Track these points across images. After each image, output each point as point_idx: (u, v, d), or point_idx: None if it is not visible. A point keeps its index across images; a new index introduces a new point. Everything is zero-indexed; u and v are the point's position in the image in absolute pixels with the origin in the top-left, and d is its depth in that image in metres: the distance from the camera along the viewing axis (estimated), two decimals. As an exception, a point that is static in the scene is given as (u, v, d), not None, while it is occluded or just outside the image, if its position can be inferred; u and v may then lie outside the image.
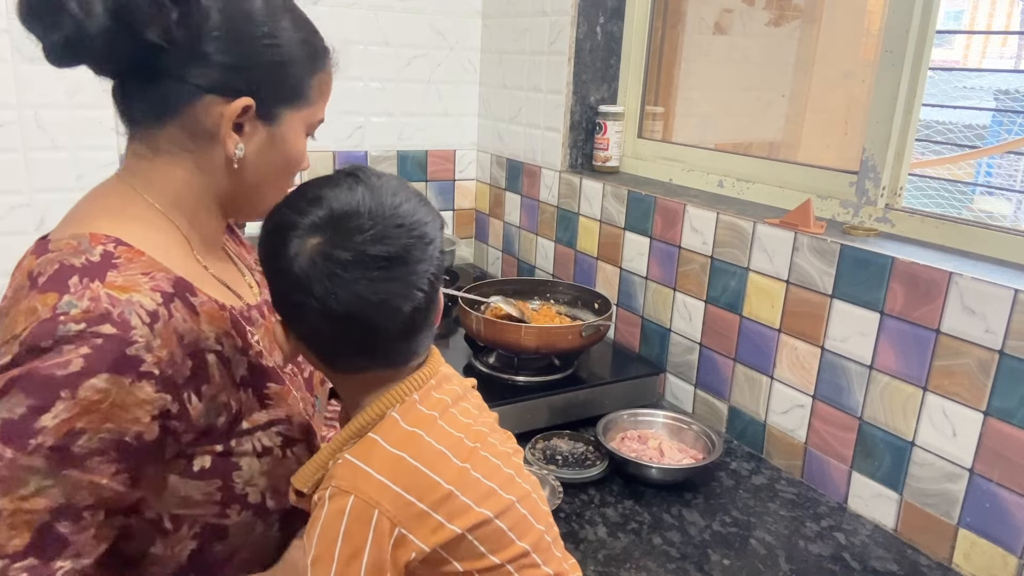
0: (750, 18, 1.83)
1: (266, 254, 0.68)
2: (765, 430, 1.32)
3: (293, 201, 0.68)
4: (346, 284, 0.64)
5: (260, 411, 0.75)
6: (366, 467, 0.65)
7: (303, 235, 0.65)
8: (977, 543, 1.02)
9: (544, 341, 1.35)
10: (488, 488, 0.68)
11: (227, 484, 0.72)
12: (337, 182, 0.68)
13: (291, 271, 0.64)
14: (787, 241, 1.24)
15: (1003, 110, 2.46)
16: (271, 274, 0.69)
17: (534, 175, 1.90)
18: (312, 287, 0.64)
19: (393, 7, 1.91)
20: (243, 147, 0.74)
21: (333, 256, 0.64)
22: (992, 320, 0.98)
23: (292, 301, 0.67)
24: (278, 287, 0.68)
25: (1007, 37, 2.63)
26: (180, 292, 0.69)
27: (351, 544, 0.63)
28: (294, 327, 0.70)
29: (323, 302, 0.64)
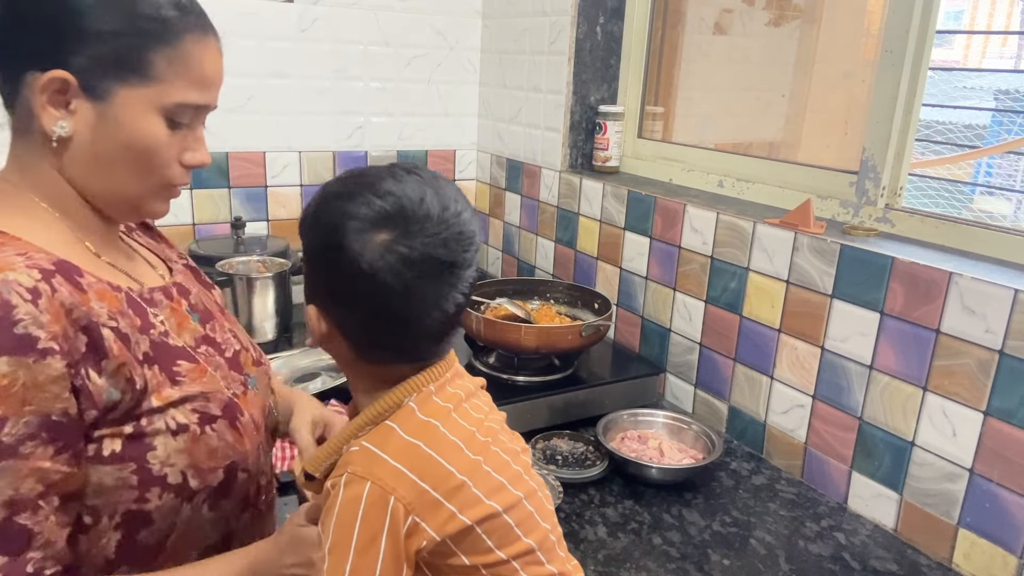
0: (750, 18, 1.83)
1: (323, 242, 0.67)
2: (765, 430, 1.32)
3: (356, 191, 0.67)
4: (408, 282, 0.65)
5: (171, 387, 0.72)
6: (382, 453, 0.65)
7: (371, 229, 0.65)
8: (977, 543, 1.02)
9: (544, 341, 1.35)
10: (498, 482, 0.69)
11: (142, 466, 0.69)
12: (401, 178, 0.68)
13: (355, 262, 0.65)
14: (787, 241, 1.24)
15: (1003, 110, 2.46)
16: (324, 261, 0.68)
17: (534, 175, 1.90)
18: (376, 281, 0.65)
19: (393, 7, 1.91)
20: (65, 124, 0.69)
21: (403, 254, 0.65)
22: (992, 320, 0.98)
23: (346, 291, 0.67)
24: (330, 275, 0.68)
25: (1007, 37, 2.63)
26: (63, 270, 0.67)
27: (368, 530, 0.63)
28: (336, 315, 0.69)
29: (382, 297, 0.65)
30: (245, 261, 1.63)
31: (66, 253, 0.70)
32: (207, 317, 0.85)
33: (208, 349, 0.81)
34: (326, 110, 1.91)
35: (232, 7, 1.72)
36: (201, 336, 0.81)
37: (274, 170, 1.88)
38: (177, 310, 0.80)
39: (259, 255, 1.66)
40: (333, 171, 1.96)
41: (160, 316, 0.76)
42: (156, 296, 0.78)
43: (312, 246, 0.70)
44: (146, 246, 0.88)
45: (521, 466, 0.74)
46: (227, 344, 0.85)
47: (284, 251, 1.72)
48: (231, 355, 0.85)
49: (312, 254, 0.70)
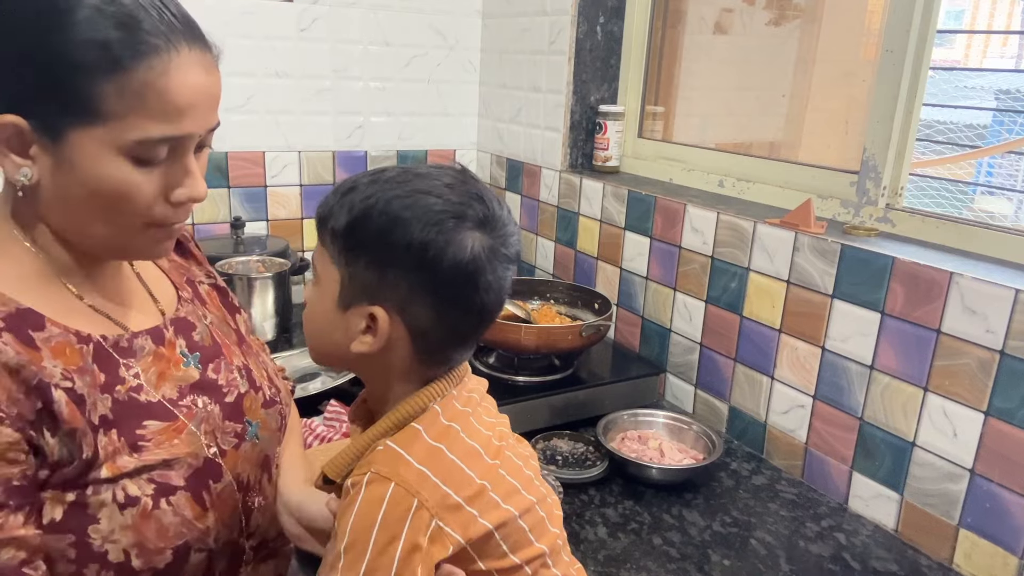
0: (750, 18, 1.83)
1: (416, 240, 0.64)
2: (765, 430, 1.32)
3: (437, 190, 0.66)
4: (501, 281, 0.68)
5: (128, 455, 0.66)
6: (407, 455, 0.65)
7: (472, 228, 0.65)
8: (978, 543, 1.02)
9: (544, 341, 1.35)
10: (513, 486, 0.69)
11: (81, 540, 0.63)
12: (466, 179, 0.69)
13: (460, 261, 0.64)
14: (787, 241, 1.24)
15: (1004, 110, 2.46)
16: (416, 261, 0.64)
17: (534, 175, 1.90)
18: (479, 279, 0.66)
19: (393, 7, 1.91)
20: (29, 172, 0.63)
21: (501, 253, 0.67)
22: (993, 320, 0.98)
23: (440, 289, 0.66)
24: (420, 273, 0.65)
25: (1008, 37, 2.63)
26: (13, 325, 0.62)
27: (388, 531, 0.62)
28: (415, 315, 0.67)
29: (480, 294, 0.66)
30: (244, 261, 1.63)
31: (38, 296, 0.66)
32: (212, 355, 0.79)
33: (197, 399, 0.75)
34: (326, 110, 1.91)
35: (232, 7, 1.72)
36: (192, 383, 0.75)
37: (274, 170, 1.88)
38: (166, 355, 0.74)
39: (259, 255, 1.66)
40: (333, 171, 1.96)
41: (135, 368, 0.71)
42: (138, 343, 0.72)
43: (385, 246, 0.65)
44: (165, 269, 0.84)
45: (532, 471, 0.74)
46: (231, 387, 0.79)
47: (284, 251, 1.72)
48: (232, 399, 0.79)
49: (385, 254, 0.65)
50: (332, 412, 1.29)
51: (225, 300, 0.90)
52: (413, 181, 0.66)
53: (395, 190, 0.66)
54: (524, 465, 0.73)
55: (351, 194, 0.67)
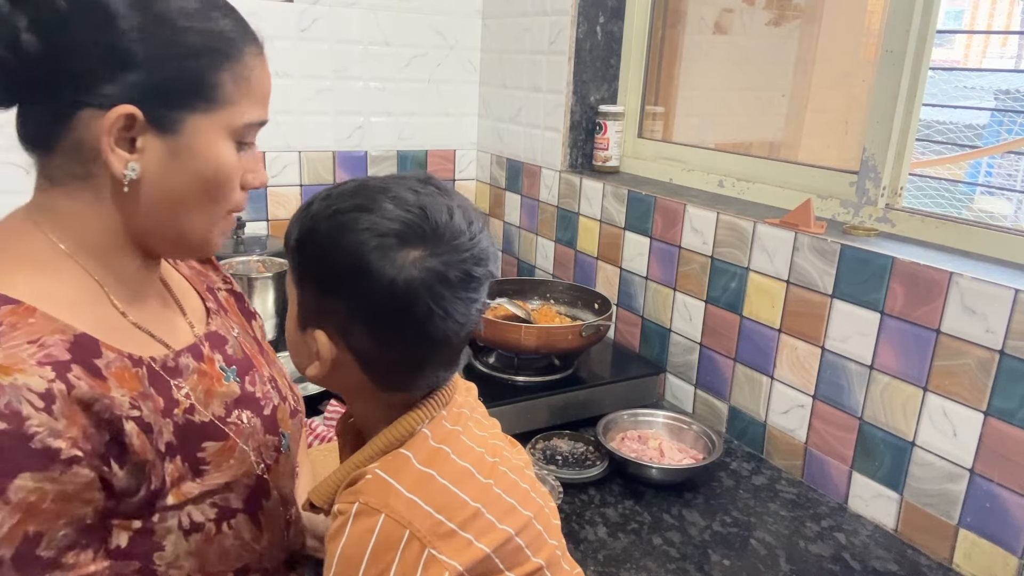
0: (750, 18, 1.83)
1: (343, 262, 0.61)
2: (765, 430, 1.32)
3: (373, 205, 0.62)
4: (448, 304, 0.62)
5: (192, 481, 0.66)
6: (397, 484, 0.62)
7: (401, 245, 0.61)
8: (977, 543, 1.02)
9: (544, 341, 1.35)
10: (509, 504, 0.67)
11: (146, 566, 0.63)
12: (421, 190, 0.64)
13: (387, 282, 0.60)
14: (787, 241, 1.24)
15: (1004, 110, 2.46)
16: (342, 282, 0.62)
17: (534, 175, 1.90)
18: (408, 301, 0.61)
19: (393, 7, 1.91)
20: (137, 166, 0.63)
21: (443, 274, 0.62)
22: (992, 320, 0.98)
23: (370, 312, 0.62)
24: (351, 297, 0.62)
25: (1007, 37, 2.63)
26: (79, 356, 0.60)
27: (377, 565, 0.59)
28: (354, 339, 0.64)
29: (413, 317, 0.62)
30: (245, 261, 1.63)
31: (89, 318, 0.64)
32: (246, 367, 0.78)
33: (241, 414, 0.73)
34: (326, 110, 1.91)
35: (232, 7, 1.72)
36: (235, 399, 0.73)
37: (274, 170, 1.88)
38: (208, 372, 0.72)
39: (259, 255, 1.66)
40: (333, 171, 1.96)
41: (185, 387, 0.69)
42: (183, 361, 0.70)
43: (323, 267, 0.63)
44: (187, 277, 0.83)
45: (528, 483, 0.72)
46: (266, 399, 0.78)
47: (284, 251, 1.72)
48: (269, 412, 0.77)
49: (323, 275, 0.63)
50: (332, 412, 1.29)
51: (242, 306, 0.89)
52: (360, 195, 0.63)
53: (339, 205, 0.63)
54: (520, 478, 0.71)
55: (305, 210, 0.64)
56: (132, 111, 0.61)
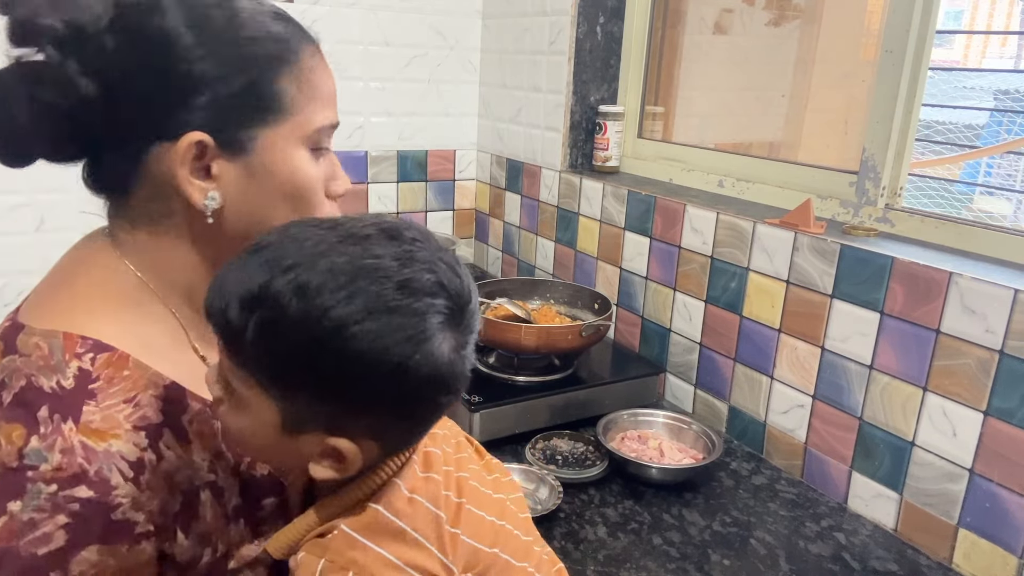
0: (750, 18, 1.83)
1: (393, 369, 0.52)
2: (765, 430, 1.32)
3: (399, 296, 0.53)
4: (461, 375, 0.57)
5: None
6: (364, 540, 0.57)
7: (442, 328, 0.54)
8: (977, 543, 1.02)
9: (544, 341, 1.35)
10: (473, 548, 0.63)
11: None
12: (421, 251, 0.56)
13: (436, 374, 0.54)
14: (787, 241, 1.24)
15: (1003, 110, 2.46)
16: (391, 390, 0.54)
17: (534, 175, 1.90)
18: (455, 381, 0.56)
19: (393, 7, 1.91)
20: (217, 195, 0.60)
21: (469, 338, 0.57)
22: (992, 320, 0.98)
23: (420, 405, 0.57)
24: (402, 399, 0.55)
25: (1007, 37, 2.63)
26: (170, 418, 0.58)
27: None
28: (391, 433, 0.58)
29: (441, 396, 0.57)
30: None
31: (175, 361, 0.61)
32: None
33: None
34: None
35: (232, 7, 1.72)
36: None
37: (274, 170, 1.88)
38: None
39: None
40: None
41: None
42: None
43: (356, 377, 0.52)
44: None
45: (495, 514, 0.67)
46: None
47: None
48: None
49: (354, 386, 0.53)
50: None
51: None
52: (354, 282, 0.52)
53: (340, 306, 0.51)
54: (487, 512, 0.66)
55: (265, 311, 0.51)
56: (202, 137, 0.58)
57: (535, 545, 0.70)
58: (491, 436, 1.27)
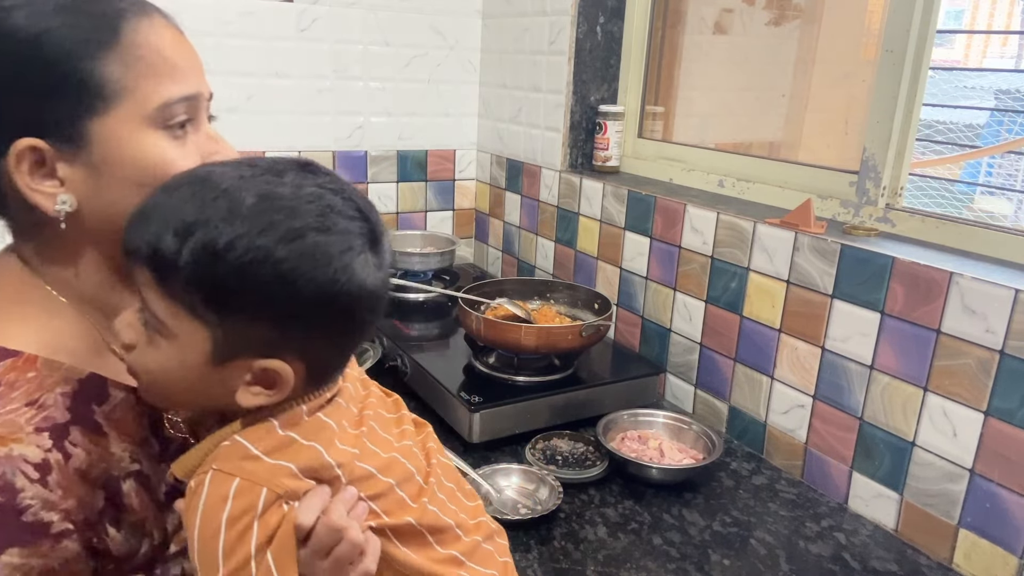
0: (750, 18, 1.83)
1: (326, 289, 0.56)
2: (765, 430, 1.32)
3: (325, 216, 0.57)
4: (387, 293, 0.62)
5: None
6: (253, 447, 0.58)
7: (364, 250, 0.58)
8: (978, 543, 1.02)
9: (544, 341, 1.35)
10: (367, 472, 0.64)
11: None
12: (336, 183, 0.60)
13: (364, 292, 0.58)
14: (787, 241, 1.24)
15: (1004, 110, 2.46)
16: (324, 308, 0.57)
17: (534, 175, 1.90)
18: (379, 303, 0.61)
19: (393, 7, 1.91)
20: (68, 197, 0.57)
21: (386, 272, 0.62)
22: (993, 320, 0.98)
23: (349, 324, 0.60)
24: (333, 317, 0.58)
25: (1007, 37, 2.63)
26: (80, 413, 0.57)
27: (235, 529, 0.55)
28: (321, 354, 0.60)
29: (380, 311, 0.61)
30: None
31: (93, 360, 0.61)
32: None
33: None
34: (326, 110, 1.91)
35: (232, 7, 1.72)
36: None
37: (274, 170, 1.88)
38: None
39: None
40: (333, 171, 1.96)
41: (176, 419, 0.67)
42: None
43: (289, 295, 0.55)
44: None
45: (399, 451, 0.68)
46: None
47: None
48: None
49: (286, 304, 0.56)
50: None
51: None
52: (282, 207, 0.55)
53: (272, 229, 0.54)
54: (382, 450, 0.66)
55: (205, 234, 0.53)
56: (31, 143, 0.55)
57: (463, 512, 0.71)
58: (491, 436, 1.27)
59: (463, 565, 0.68)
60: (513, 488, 1.16)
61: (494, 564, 0.72)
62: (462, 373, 1.40)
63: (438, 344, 1.59)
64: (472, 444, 1.26)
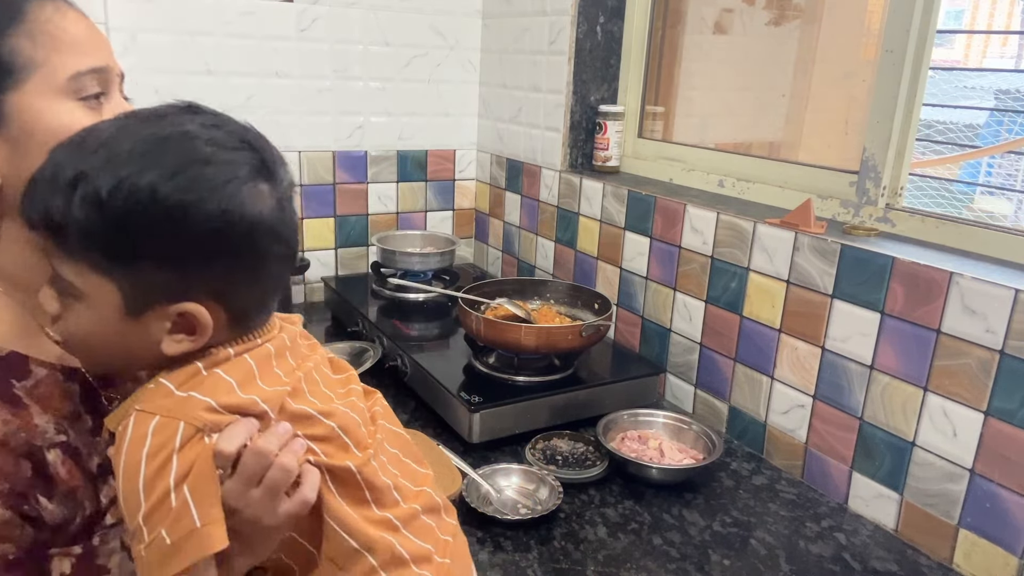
0: (750, 18, 1.83)
1: (221, 219, 0.57)
2: (765, 430, 1.32)
3: (207, 149, 0.57)
4: (293, 224, 0.63)
5: None
6: (174, 386, 0.58)
7: (255, 177, 0.58)
8: (978, 543, 1.02)
9: (544, 341, 1.35)
10: (304, 412, 0.64)
11: None
12: (220, 119, 0.60)
13: (262, 220, 0.58)
14: (787, 241, 1.24)
15: (1003, 109, 2.46)
16: (222, 241, 0.57)
17: (534, 175, 1.90)
18: (282, 231, 0.61)
19: (393, 7, 1.91)
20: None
21: (288, 203, 0.62)
22: (993, 320, 0.98)
23: (256, 257, 0.60)
24: (234, 249, 0.58)
25: (1007, 37, 2.63)
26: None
27: (155, 463, 0.55)
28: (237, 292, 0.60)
29: (289, 240, 0.62)
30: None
31: (13, 334, 0.62)
32: None
33: None
34: (326, 110, 1.91)
35: (232, 7, 1.72)
36: None
37: (274, 170, 1.88)
38: (139, 377, 0.69)
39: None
40: (333, 171, 1.96)
41: (117, 398, 0.68)
42: None
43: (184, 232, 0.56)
44: None
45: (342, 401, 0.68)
46: None
47: (284, 251, 1.72)
48: None
49: (183, 243, 0.56)
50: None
51: None
52: (162, 146, 0.56)
53: (153, 167, 0.55)
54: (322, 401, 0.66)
55: (87, 185, 0.54)
56: None
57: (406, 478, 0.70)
58: (491, 436, 1.27)
59: (397, 531, 0.66)
60: (513, 488, 1.16)
61: (432, 538, 0.69)
62: (462, 373, 1.40)
63: (438, 344, 1.59)
64: (472, 444, 1.26)
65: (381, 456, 0.69)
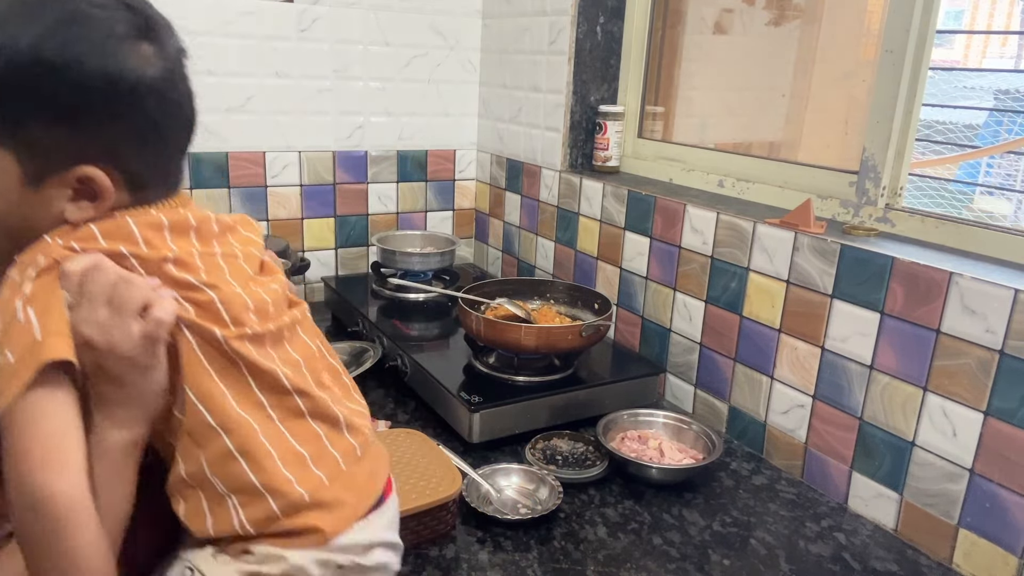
0: (750, 18, 1.83)
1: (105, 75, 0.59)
2: (765, 430, 1.32)
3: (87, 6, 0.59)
4: (180, 86, 0.65)
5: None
6: (57, 240, 0.61)
7: (137, 42, 0.60)
8: (977, 543, 1.02)
9: (544, 341, 1.35)
10: (184, 279, 0.65)
11: None
12: None
13: (148, 78, 0.60)
14: (787, 241, 1.24)
15: (1003, 110, 2.46)
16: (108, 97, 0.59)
17: (534, 175, 1.90)
18: (172, 96, 0.63)
19: (393, 7, 1.91)
20: None
21: (174, 65, 0.63)
22: (992, 320, 0.98)
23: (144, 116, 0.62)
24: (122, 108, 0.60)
25: (1007, 37, 2.63)
26: None
27: (10, 287, 0.58)
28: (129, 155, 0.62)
29: (184, 105, 0.64)
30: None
31: None
32: None
33: None
34: (326, 110, 1.91)
35: (232, 7, 1.72)
36: None
37: (274, 170, 1.88)
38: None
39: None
40: (333, 171, 1.96)
41: None
42: None
43: (68, 89, 0.57)
44: None
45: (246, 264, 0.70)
46: None
47: (284, 251, 1.72)
48: None
49: (68, 100, 0.58)
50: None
51: None
52: (39, 6, 0.57)
53: (31, 27, 0.57)
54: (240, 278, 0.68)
55: None
56: None
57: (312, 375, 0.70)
58: (491, 436, 1.27)
59: (269, 421, 0.65)
60: (513, 488, 1.16)
61: (313, 446, 0.67)
62: (462, 373, 1.40)
63: (438, 344, 1.59)
64: (472, 444, 1.26)
65: (279, 349, 0.69)
